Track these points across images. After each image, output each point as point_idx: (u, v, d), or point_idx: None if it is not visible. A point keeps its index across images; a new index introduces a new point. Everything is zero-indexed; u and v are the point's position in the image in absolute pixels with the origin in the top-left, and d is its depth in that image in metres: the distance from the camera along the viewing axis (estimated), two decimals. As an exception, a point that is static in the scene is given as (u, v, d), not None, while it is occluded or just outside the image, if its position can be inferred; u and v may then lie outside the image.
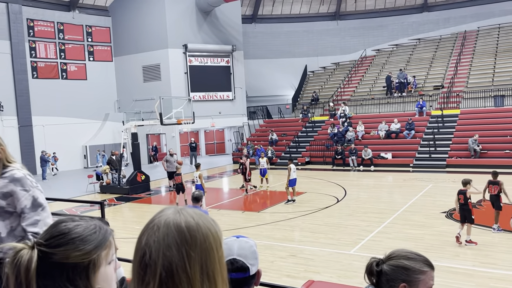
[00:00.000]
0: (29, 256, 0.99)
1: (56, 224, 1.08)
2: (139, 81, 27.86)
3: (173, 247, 0.93)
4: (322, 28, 33.65)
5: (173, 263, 0.92)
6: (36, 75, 25.58)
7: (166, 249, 0.93)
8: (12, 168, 2.50)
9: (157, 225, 0.97)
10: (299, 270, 7.76)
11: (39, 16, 25.74)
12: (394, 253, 1.68)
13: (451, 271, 7.33)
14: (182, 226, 0.95)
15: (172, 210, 1.00)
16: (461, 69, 26.72)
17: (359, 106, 26.49)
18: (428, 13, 32.03)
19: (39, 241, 1.03)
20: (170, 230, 0.95)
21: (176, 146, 26.18)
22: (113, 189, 17.19)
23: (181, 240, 0.94)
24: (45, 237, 1.04)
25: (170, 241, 0.94)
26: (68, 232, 1.04)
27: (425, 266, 1.63)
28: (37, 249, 1.01)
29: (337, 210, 12.43)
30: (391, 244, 8.85)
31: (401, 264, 1.62)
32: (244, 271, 1.48)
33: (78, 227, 1.06)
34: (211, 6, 27.08)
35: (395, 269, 1.62)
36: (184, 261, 0.93)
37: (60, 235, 1.04)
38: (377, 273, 1.65)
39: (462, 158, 19.58)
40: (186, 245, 0.94)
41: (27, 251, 1.00)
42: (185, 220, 0.97)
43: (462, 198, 8.72)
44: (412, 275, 1.60)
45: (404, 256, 1.64)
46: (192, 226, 0.96)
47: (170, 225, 0.95)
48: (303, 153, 23.65)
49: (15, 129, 24.12)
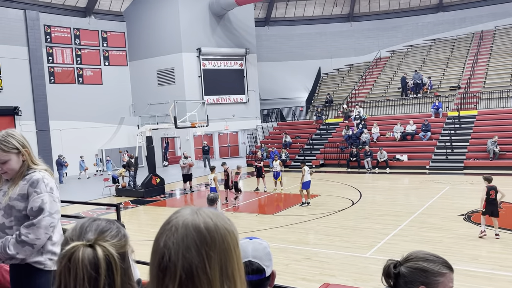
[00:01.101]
0: (93, 253, 1.04)
1: (90, 221, 1.13)
2: (154, 85, 28.12)
3: (192, 248, 0.92)
4: (336, 30, 33.51)
5: (193, 264, 0.91)
6: (53, 80, 26.02)
7: (185, 250, 0.92)
8: (34, 170, 2.51)
9: (175, 226, 0.96)
10: (314, 273, 7.71)
11: (56, 22, 26.20)
12: (412, 255, 1.64)
13: (470, 274, 7.20)
14: (201, 227, 0.95)
15: (189, 210, 1.00)
16: (478, 69, 26.31)
17: (374, 107, 26.27)
18: (443, 13, 31.64)
19: (93, 238, 1.07)
20: (189, 231, 0.94)
21: (190, 149, 26.33)
22: (128, 192, 17.35)
23: (201, 241, 0.93)
24: (95, 234, 1.09)
25: (190, 243, 0.93)
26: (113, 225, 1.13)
27: (444, 268, 1.59)
28: (98, 246, 1.05)
29: (353, 213, 12.33)
30: (407, 247, 8.73)
31: (420, 266, 1.59)
32: (260, 273, 1.48)
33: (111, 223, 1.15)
34: (224, 9, 27.21)
35: (413, 271, 1.59)
36: (204, 262, 0.92)
37: (108, 230, 1.10)
38: (395, 275, 1.62)
39: (480, 160, 19.24)
40: (206, 246, 0.93)
41: (87, 248, 1.05)
42: (204, 221, 0.96)
43: (493, 194, 8.95)
44: (431, 277, 1.56)
45: (422, 258, 1.61)
46: (211, 227, 0.95)
47: (189, 226, 0.95)
48: (317, 155, 23.53)
49: (33, 134, 24.54)
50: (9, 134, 2.49)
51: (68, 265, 1.02)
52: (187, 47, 26.82)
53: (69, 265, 1.02)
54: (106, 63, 28.41)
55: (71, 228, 1.15)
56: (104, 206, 14.57)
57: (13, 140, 2.47)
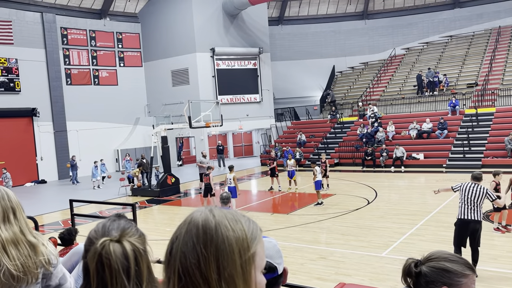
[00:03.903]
0: (121, 247, 1.12)
1: (111, 221, 1.19)
2: (168, 85, 28.32)
3: (189, 244, 0.95)
4: (350, 28, 33.26)
5: (188, 259, 0.94)
6: (70, 81, 26.41)
7: (183, 245, 0.96)
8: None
9: (184, 222, 1.00)
10: (329, 273, 7.67)
11: (72, 24, 26.60)
12: (434, 255, 1.61)
13: (489, 275, 7.07)
14: (199, 225, 0.97)
15: (203, 209, 1.02)
16: (496, 65, 25.81)
17: (389, 106, 26.00)
18: (460, 9, 31.13)
19: (118, 235, 1.14)
20: (190, 228, 0.97)
21: (205, 148, 26.42)
22: (144, 191, 17.51)
23: (197, 238, 0.95)
24: (127, 231, 1.16)
25: (188, 238, 0.96)
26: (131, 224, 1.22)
27: (467, 269, 1.56)
28: (127, 241, 1.13)
29: (368, 212, 12.23)
30: (425, 246, 8.62)
31: (443, 266, 1.56)
32: (273, 271, 1.48)
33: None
34: (238, 9, 27.24)
35: (435, 271, 1.56)
36: (198, 259, 0.94)
37: (128, 228, 1.17)
38: (416, 274, 1.59)
39: (498, 158, 18.89)
40: (201, 244, 0.94)
41: (115, 243, 1.11)
42: (204, 219, 0.97)
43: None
44: (454, 278, 1.54)
45: (445, 258, 1.58)
46: (210, 226, 0.96)
47: (192, 222, 0.98)
48: (332, 154, 23.39)
49: (50, 135, 24.98)
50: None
51: (101, 260, 1.09)
52: (201, 47, 26.94)
53: (102, 260, 1.08)
54: (121, 64, 28.72)
55: (93, 230, 1.19)
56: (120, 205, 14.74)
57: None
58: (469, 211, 7.04)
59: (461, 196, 7.15)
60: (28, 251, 1.71)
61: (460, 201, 7.18)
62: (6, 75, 23.38)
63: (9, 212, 1.73)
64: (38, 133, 24.53)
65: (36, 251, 1.74)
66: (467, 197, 7.05)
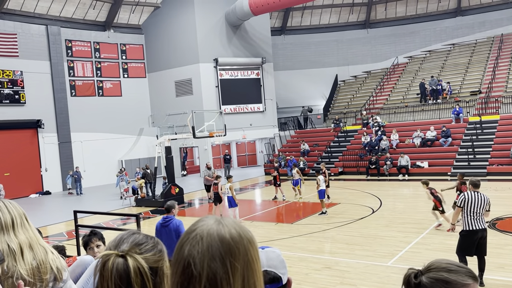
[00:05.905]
0: (124, 263, 1.09)
1: (130, 234, 1.18)
2: (172, 96, 28.46)
3: (217, 258, 0.92)
4: (352, 37, 33.39)
5: (218, 274, 0.91)
6: (74, 93, 26.60)
7: (210, 260, 0.92)
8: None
9: (199, 235, 0.96)
10: (335, 283, 7.61)
11: (76, 36, 26.86)
12: (433, 264, 1.59)
13: (496, 284, 6.99)
14: (227, 237, 0.94)
15: (213, 220, 1.00)
16: (499, 73, 25.79)
17: (393, 114, 25.98)
18: (462, 17, 31.22)
19: (126, 249, 1.11)
20: (214, 241, 0.94)
21: (209, 158, 26.47)
22: (148, 202, 17.51)
23: (225, 252, 0.93)
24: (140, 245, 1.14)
25: (215, 252, 0.93)
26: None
27: (468, 278, 1.53)
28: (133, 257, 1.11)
29: (373, 221, 12.15)
30: (431, 255, 8.54)
31: (442, 277, 1.53)
32: (278, 282, 1.47)
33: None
34: (240, 20, 27.44)
35: (434, 282, 1.53)
36: (228, 273, 0.92)
37: (143, 243, 1.15)
38: (415, 286, 1.57)
39: (503, 165, 18.78)
40: (231, 257, 0.93)
41: (119, 258, 1.09)
42: (229, 231, 0.96)
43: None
44: None
45: (444, 268, 1.55)
46: (236, 237, 0.95)
47: (214, 235, 0.95)
48: (335, 163, 23.35)
49: (55, 146, 25.09)
50: None
51: (102, 272, 1.08)
52: (204, 57, 27.11)
53: (103, 273, 1.08)
54: (125, 75, 28.91)
55: (112, 240, 1.19)
56: (124, 216, 14.74)
57: None
58: (475, 221, 6.99)
59: (466, 208, 7.06)
60: (41, 254, 1.73)
61: (465, 213, 7.09)
62: (12, 87, 23.58)
63: (23, 218, 1.77)
64: (42, 145, 24.66)
65: (48, 255, 1.76)
66: (473, 208, 6.98)
